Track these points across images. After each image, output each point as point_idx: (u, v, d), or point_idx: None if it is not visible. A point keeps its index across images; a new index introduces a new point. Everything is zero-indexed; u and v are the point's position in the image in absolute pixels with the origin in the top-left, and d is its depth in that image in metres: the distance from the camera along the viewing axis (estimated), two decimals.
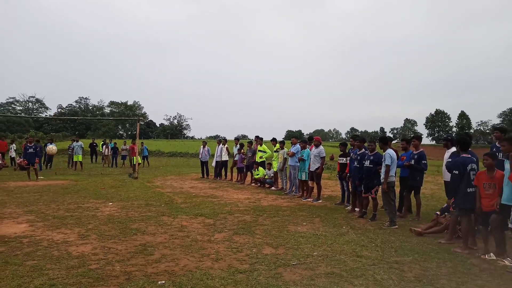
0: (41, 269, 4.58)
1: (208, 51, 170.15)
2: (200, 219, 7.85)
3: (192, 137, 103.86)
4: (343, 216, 8.56)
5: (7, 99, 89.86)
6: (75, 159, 20.94)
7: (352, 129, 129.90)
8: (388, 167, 7.54)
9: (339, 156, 10.30)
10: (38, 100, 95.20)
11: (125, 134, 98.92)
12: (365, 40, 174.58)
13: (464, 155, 6.15)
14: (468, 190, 5.86)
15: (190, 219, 7.79)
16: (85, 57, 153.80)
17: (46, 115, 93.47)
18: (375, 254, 5.52)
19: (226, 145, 16.06)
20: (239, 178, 15.43)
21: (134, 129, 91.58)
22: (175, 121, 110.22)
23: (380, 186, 7.81)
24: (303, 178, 11.09)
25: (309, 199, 10.73)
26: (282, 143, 13.32)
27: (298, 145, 11.65)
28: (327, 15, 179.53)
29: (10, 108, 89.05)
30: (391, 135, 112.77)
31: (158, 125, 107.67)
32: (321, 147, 10.76)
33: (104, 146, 24.30)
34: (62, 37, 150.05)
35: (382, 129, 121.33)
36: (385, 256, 5.46)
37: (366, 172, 8.22)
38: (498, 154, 6.24)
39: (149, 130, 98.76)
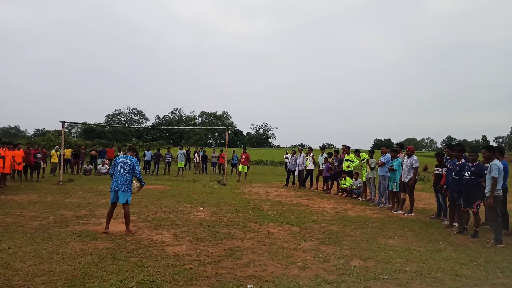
0: (142, 266, 5.01)
1: (295, 60, 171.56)
2: (286, 226, 7.91)
3: (278, 146, 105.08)
4: (439, 231, 7.93)
5: (114, 111, 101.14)
6: (178, 166, 22.91)
7: (449, 137, 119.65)
8: (495, 179, 6.82)
9: (435, 167, 9.60)
10: (139, 112, 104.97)
11: (214, 142, 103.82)
12: (463, 43, 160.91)
13: None
14: None
15: (277, 226, 7.88)
16: (179, 71, 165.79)
17: (145, 125, 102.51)
18: (478, 274, 5.02)
19: (311, 154, 15.97)
20: (325, 188, 15.21)
21: (222, 138, 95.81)
22: (261, 130, 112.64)
23: (483, 201, 7.09)
24: (394, 189, 10.55)
25: (400, 211, 10.16)
26: (371, 152, 12.84)
27: (388, 155, 11.13)
28: (419, 17, 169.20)
29: (116, 119, 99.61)
30: (496, 144, 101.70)
31: (244, 134, 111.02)
32: (414, 156, 10.14)
33: (195, 154, 25.76)
34: (159, 54, 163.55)
35: (484, 137, 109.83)
36: (489, 277, 4.93)
37: (466, 185, 7.52)
38: None
39: (236, 138, 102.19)
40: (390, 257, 5.73)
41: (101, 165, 21.76)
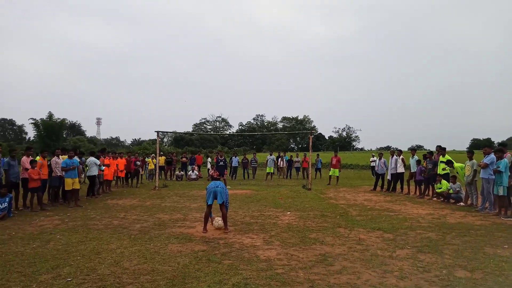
0: (236, 269, 5.14)
1: (377, 62, 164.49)
2: (378, 233, 7.55)
3: (362, 149, 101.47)
4: None
5: (200, 119, 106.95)
6: (267, 171, 23.45)
7: None
8: None
9: None
10: (223, 119, 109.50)
11: (296, 147, 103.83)
12: None
13: None
14: None
15: (368, 233, 7.56)
16: (261, 77, 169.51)
17: (230, 132, 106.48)
18: None
19: (401, 156, 15.10)
20: (417, 192, 14.26)
21: (304, 142, 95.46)
22: (344, 133, 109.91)
23: None
24: (501, 193, 9.49)
25: (509, 218, 9.10)
26: (470, 153, 11.75)
27: (492, 155, 10.07)
28: None
29: (202, 127, 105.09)
30: None
31: (327, 138, 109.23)
32: None
33: (279, 159, 25.97)
34: (241, 63, 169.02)
35: None
36: None
37: None
38: None
39: (319, 143, 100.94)
40: (502, 269, 5.14)
41: (191, 171, 23.02)
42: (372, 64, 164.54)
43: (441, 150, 13.27)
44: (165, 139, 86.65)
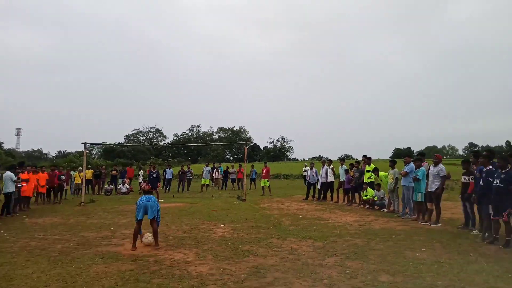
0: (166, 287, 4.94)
1: (311, 75, 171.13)
2: (309, 242, 7.75)
3: (295, 159, 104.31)
4: (468, 241, 7.64)
5: (133, 130, 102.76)
6: (202, 182, 23.25)
7: (471, 144, 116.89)
8: None
9: (462, 175, 9.32)
10: (158, 130, 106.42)
11: (231, 158, 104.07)
12: (482, 48, 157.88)
13: None
14: None
15: (299, 242, 7.73)
16: (196, 88, 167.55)
17: (164, 143, 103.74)
18: None
19: (331, 166, 15.77)
20: (346, 200, 14.96)
21: (240, 153, 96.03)
22: (278, 144, 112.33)
23: None
24: (419, 199, 10.28)
25: (426, 223, 9.86)
26: (392, 162, 12.60)
27: (412, 164, 10.88)
28: (438, 24, 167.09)
29: (135, 138, 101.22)
30: None
31: (262, 148, 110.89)
32: (441, 165, 9.86)
33: (214, 170, 25.81)
34: (176, 71, 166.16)
35: (508, 143, 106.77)
36: None
37: (496, 192, 7.25)
38: None
39: (254, 153, 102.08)
40: (420, 271, 5.52)
41: (121, 184, 22.01)
42: (304, 77, 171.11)
43: (367, 159, 14.07)
44: (94, 151, 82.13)
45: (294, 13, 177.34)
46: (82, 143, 16.89)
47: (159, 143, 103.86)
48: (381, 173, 13.38)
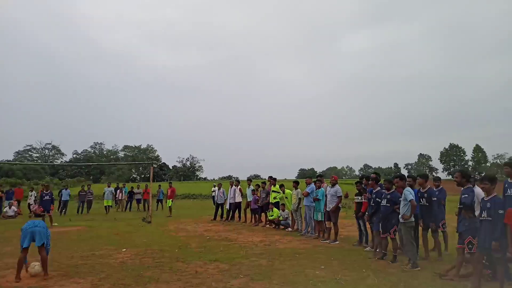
0: None
1: (220, 95, 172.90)
2: (215, 264, 7.67)
3: (205, 178, 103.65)
4: (361, 258, 8.27)
5: (25, 146, 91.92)
6: (105, 204, 22.02)
7: (366, 165, 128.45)
8: (413, 201, 7.36)
9: (355, 195, 10.13)
10: (54, 147, 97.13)
11: (138, 177, 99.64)
12: (375, 78, 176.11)
13: None
14: None
15: (205, 265, 7.60)
16: (100, 104, 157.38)
17: (62, 161, 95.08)
18: None
19: (239, 186, 15.98)
20: (253, 220, 15.21)
21: (147, 172, 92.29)
22: (188, 163, 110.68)
23: (400, 225, 7.60)
24: (319, 218, 10.88)
25: (326, 240, 10.45)
26: (296, 183, 13.21)
27: (312, 185, 11.52)
28: (335, 53, 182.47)
29: (27, 155, 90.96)
30: (406, 171, 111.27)
31: (171, 167, 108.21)
32: (337, 186, 10.59)
33: (118, 191, 24.41)
34: (77, 86, 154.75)
35: (396, 164, 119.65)
36: None
37: (384, 212, 8.02)
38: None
39: (162, 172, 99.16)
40: None
41: (7, 207, 19.57)
42: (215, 96, 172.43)
43: (272, 180, 14.55)
44: None
45: (204, 32, 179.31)
46: None
47: (56, 161, 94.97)
48: (287, 191, 13.94)
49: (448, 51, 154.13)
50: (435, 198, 8.38)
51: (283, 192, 13.94)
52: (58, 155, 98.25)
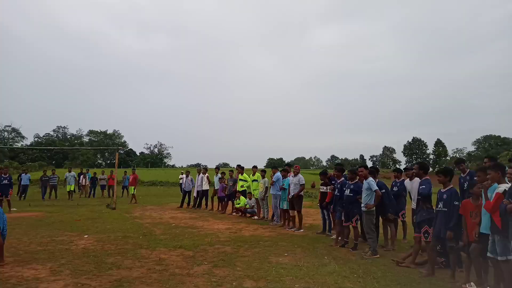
0: None
1: (190, 81, 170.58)
2: (179, 251, 7.64)
3: (173, 166, 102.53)
4: (324, 246, 8.48)
5: None
6: (67, 189, 21.79)
7: (333, 156, 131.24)
8: (378, 191, 7.65)
9: (320, 185, 10.32)
10: (14, 129, 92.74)
11: (104, 163, 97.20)
12: (344, 72, 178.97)
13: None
14: None
15: (169, 252, 7.57)
16: (64, 87, 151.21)
17: (22, 145, 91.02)
18: (357, 286, 5.45)
19: (206, 174, 15.91)
20: (220, 208, 15.23)
21: (113, 158, 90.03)
22: (156, 150, 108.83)
23: (362, 215, 7.84)
24: (285, 207, 11.03)
25: (291, 229, 10.63)
26: (263, 172, 13.30)
27: (279, 174, 11.64)
28: (306, 47, 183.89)
29: None
30: (371, 162, 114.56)
31: (138, 154, 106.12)
32: (300, 175, 10.77)
33: (81, 176, 23.74)
34: (41, 67, 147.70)
35: (361, 156, 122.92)
36: (367, 287, 5.39)
37: (347, 201, 8.24)
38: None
39: (129, 159, 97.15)
40: (281, 275, 5.90)
41: None
42: (184, 82, 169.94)
43: (240, 168, 14.58)
44: None
45: (173, 18, 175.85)
46: None
47: (16, 144, 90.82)
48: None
49: (413, 49, 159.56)
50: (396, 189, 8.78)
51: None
52: (18, 138, 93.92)
